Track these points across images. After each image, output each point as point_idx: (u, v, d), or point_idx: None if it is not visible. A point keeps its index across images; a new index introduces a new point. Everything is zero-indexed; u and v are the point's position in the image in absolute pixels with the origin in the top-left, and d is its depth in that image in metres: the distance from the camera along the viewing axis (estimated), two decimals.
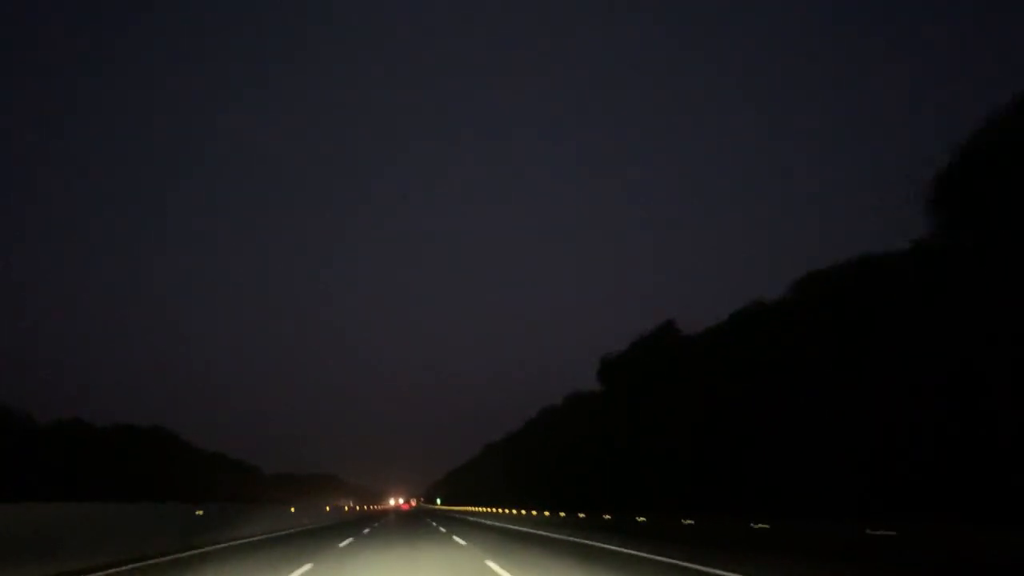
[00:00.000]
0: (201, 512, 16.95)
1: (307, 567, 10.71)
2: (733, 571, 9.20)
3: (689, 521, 16.57)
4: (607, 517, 22.57)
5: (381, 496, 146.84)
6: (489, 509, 54.98)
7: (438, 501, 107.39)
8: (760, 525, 12.74)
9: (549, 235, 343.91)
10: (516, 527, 26.01)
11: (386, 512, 78.76)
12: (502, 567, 10.23)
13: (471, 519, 40.01)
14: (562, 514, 29.39)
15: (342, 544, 16.51)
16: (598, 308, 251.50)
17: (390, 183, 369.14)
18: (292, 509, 30.68)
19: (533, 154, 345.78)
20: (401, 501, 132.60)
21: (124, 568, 10.58)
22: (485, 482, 61.63)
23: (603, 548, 14.01)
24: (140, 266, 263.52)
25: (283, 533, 22.79)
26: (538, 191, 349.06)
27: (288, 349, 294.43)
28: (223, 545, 15.89)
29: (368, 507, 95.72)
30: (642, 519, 19.64)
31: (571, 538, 17.79)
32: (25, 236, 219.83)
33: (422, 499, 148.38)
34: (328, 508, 48.43)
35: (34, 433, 32.30)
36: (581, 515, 25.84)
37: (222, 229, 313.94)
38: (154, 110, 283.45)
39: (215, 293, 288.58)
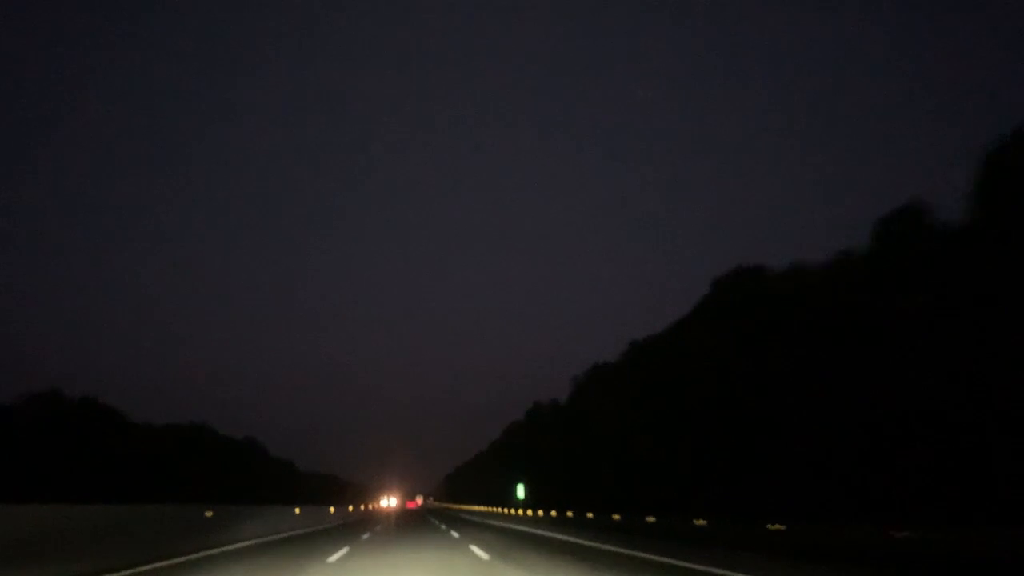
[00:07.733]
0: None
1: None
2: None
3: (650, 520, 16.65)
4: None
5: (368, 492, 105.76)
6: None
7: (519, 491, 43.81)
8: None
9: (551, 233, 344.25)
10: (514, 527, 26.08)
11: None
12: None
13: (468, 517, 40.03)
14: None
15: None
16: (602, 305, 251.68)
17: (387, 178, 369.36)
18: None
19: (531, 151, 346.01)
20: (393, 502, 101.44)
21: (145, 568, 10.63)
22: (485, 481, 61.52)
23: (595, 548, 14.10)
24: (133, 264, 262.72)
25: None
26: (535, 191, 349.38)
27: (274, 340, 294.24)
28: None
29: (361, 508, 66.18)
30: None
31: (556, 535, 17.83)
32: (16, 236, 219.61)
33: (431, 497, 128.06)
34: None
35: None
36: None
37: (220, 233, 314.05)
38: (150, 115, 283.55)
39: (211, 293, 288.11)
